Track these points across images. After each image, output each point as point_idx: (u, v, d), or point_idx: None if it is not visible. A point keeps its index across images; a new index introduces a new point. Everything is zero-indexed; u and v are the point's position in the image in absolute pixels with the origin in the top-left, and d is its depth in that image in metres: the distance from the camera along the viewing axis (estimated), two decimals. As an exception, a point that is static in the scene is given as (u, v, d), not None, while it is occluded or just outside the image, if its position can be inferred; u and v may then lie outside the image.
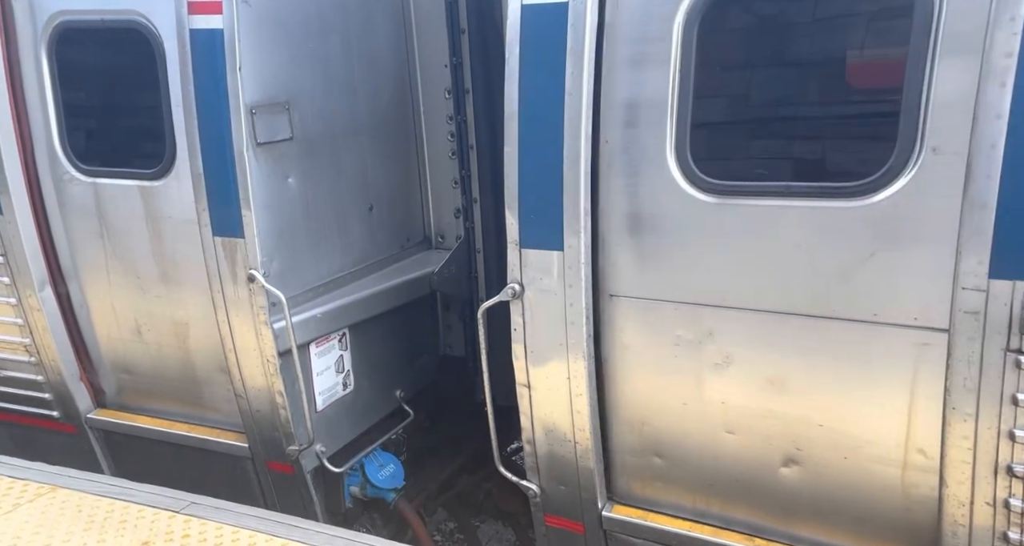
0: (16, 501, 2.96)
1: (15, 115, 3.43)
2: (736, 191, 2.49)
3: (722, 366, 2.61)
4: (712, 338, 2.61)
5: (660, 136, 2.53)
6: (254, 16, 3.06)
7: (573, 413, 2.77)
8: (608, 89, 2.57)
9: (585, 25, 2.49)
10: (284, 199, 3.39)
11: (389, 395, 3.98)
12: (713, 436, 2.71)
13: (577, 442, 2.81)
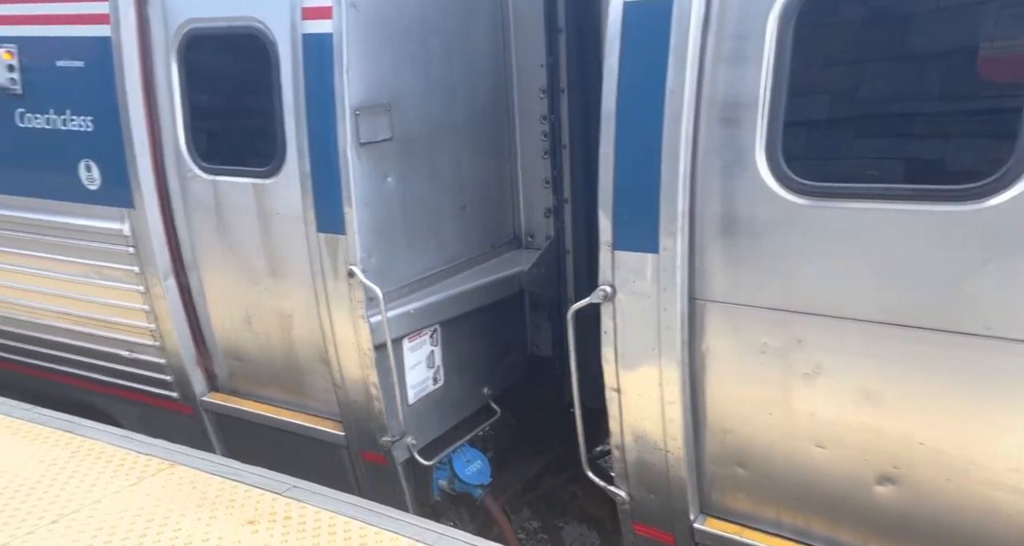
0: (140, 474, 3.18)
1: (148, 118, 3.68)
2: (831, 193, 2.39)
3: (812, 376, 2.52)
4: (801, 346, 2.52)
5: (751, 135, 2.47)
6: (361, 20, 3.13)
7: (665, 420, 2.66)
8: (703, 87, 2.47)
9: (690, 21, 2.39)
10: (383, 197, 3.46)
11: (477, 392, 4.00)
12: (801, 449, 2.62)
13: (669, 450, 2.69)
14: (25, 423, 3.65)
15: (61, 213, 4.05)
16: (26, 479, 3.15)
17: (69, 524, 2.84)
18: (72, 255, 4.08)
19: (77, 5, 3.67)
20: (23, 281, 4.24)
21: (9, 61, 3.83)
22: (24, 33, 3.83)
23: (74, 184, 3.94)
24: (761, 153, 2.44)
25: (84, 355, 4.26)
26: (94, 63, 3.72)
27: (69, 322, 4.22)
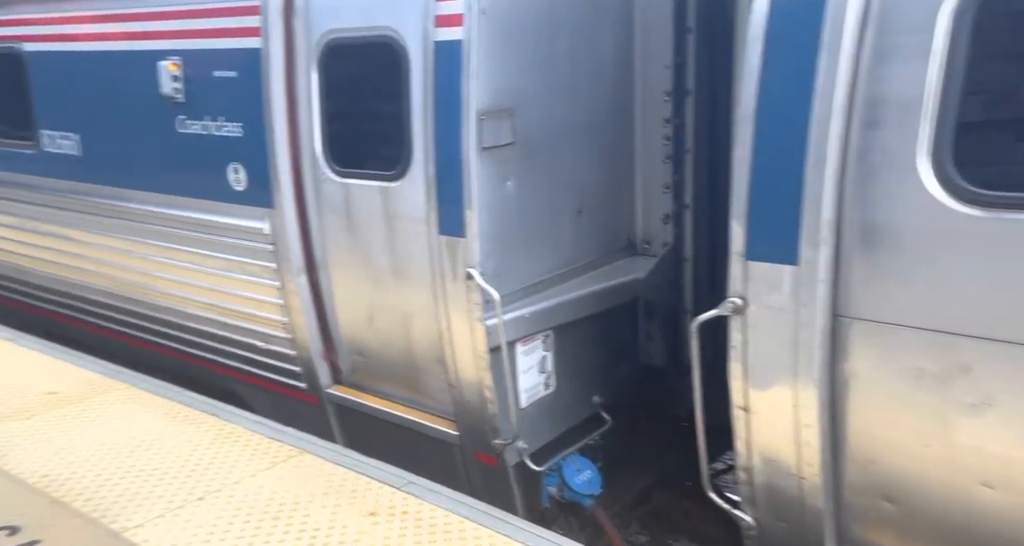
0: (273, 460, 3.30)
1: (290, 123, 3.81)
2: (1010, 203, 2.08)
3: (979, 407, 2.22)
4: (968, 374, 2.21)
5: (910, 139, 2.19)
6: (491, 26, 3.10)
7: (800, 445, 2.39)
8: (857, 87, 2.22)
9: (846, 17, 2.12)
10: (503, 201, 3.41)
11: (587, 400, 3.86)
12: (963, 487, 2.31)
13: (803, 477, 2.42)
14: (176, 405, 3.91)
15: (211, 212, 4.31)
16: (177, 457, 3.36)
17: (213, 502, 3.01)
18: (219, 251, 4.34)
19: (233, 19, 3.89)
20: (176, 273, 4.56)
21: (174, 72, 4.13)
22: (187, 46, 4.12)
23: (223, 185, 4.18)
24: (925, 159, 2.17)
25: (226, 344, 4.51)
26: (245, 73, 3.93)
27: (214, 312, 4.48)
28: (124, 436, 3.53)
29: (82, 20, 4.53)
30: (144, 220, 4.57)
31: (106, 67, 4.48)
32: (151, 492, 3.06)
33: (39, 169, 5.00)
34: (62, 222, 5.00)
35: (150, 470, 3.23)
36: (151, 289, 4.69)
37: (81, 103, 4.69)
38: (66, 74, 4.71)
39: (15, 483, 3.09)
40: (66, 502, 2.97)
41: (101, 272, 4.91)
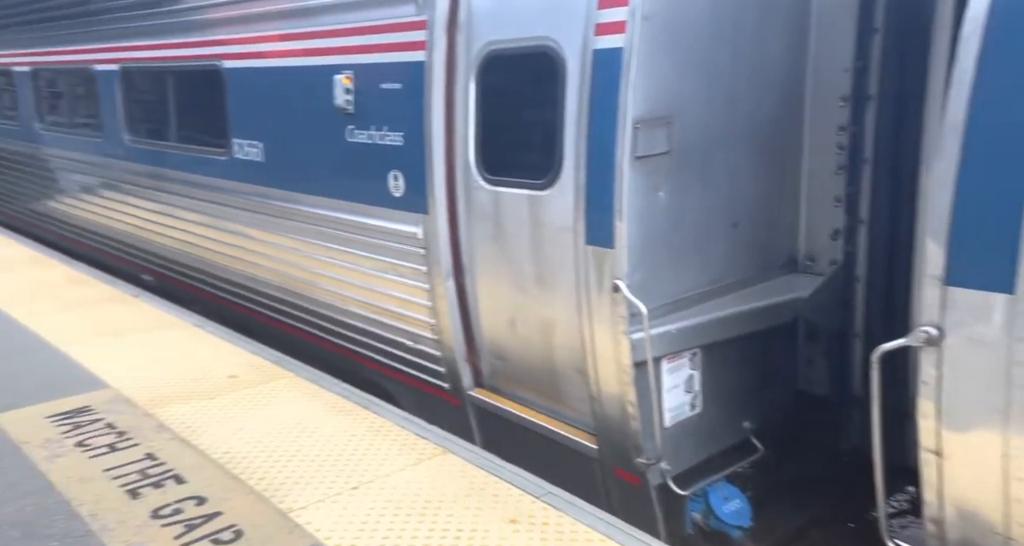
0: (419, 457, 3.36)
1: (447, 133, 3.85)
2: None
3: None
4: None
5: None
6: (652, 32, 2.93)
7: (1009, 501, 2.01)
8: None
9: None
10: (653, 212, 3.23)
11: (736, 425, 3.56)
12: None
13: (1012, 538, 2.04)
14: (334, 396, 4.11)
15: (371, 216, 4.49)
16: (335, 446, 3.51)
17: (366, 492, 3.11)
18: (375, 252, 4.51)
19: (401, 34, 4.04)
20: (336, 272, 4.81)
21: (347, 85, 4.36)
22: (359, 61, 4.33)
23: (383, 191, 4.34)
24: None
25: (377, 341, 4.68)
26: (408, 85, 4.06)
27: (368, 310, 4.67)
28: (290, 421, 3.75)
29: (270, 39, 4.93)
30: (312, 222, 4.87)
31: (289, 81, 4.84)
32: (313, 477, 3.21)
33: (229, 174, 5.51)
34: (244, 222, 5.47)
35: (312, 456, 3.40)
36: (315, 286, 4.98)
37: (266, 114, 5.10)
38: (256, 88, 5.15)
39: (203, 457, 3.36)
40: (243, 479, 3.18)
41: (274, 268, 5.30)
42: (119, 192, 6.94)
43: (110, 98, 6.74)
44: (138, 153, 6.57)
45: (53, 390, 4.08)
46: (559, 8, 3.34)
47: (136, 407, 3.89)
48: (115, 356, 4.58)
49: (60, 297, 5.84)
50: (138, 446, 3.47)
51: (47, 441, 3.50)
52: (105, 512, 2.91)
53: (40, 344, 4.77)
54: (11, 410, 3.83)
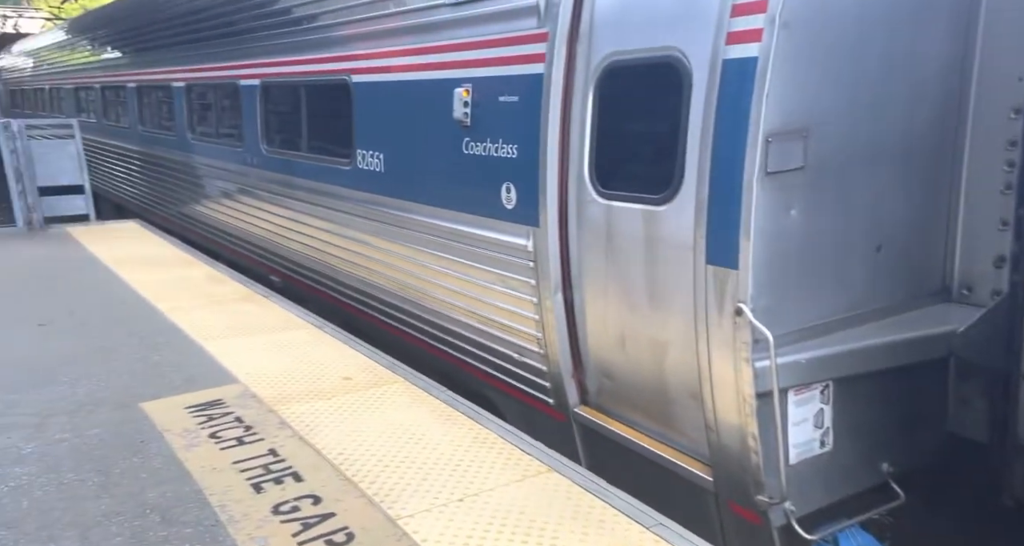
0: (524, 473, 3.29)
1: (561, 145, 3.76)
2: None
3: None
4: None
5: None
6: (791, 41, 2.69)
7: None
8: None
9: None
10: (783, 232, 2.98)
11: (873, 466, 3.22)
12: None
13: None
14: (441, 404, 4.13)
15: (482, 227, 4.50)
16: (441, 455, 3.52)
17: (471, 505, 3.07)
18: (485, 263, 4.51)
19: (521, 47, 4.01)
20: (446, 280, 4.86)
21: (466, 98, 4.40)
22: (477, 74, 4.36)
23: (496, 203, 4.33)
24: None
25: (484, 351, 4.67)
26: (525, 98, 4.02)
27: (475, 320, 4.68)
28: (400, 427, 3.80)
29: (395, 54, 5.08)
30: (427, 231, 4.96)
31: (411, 94, 4.96)
32: (420, 485, 3.22)
33: (352, 183, 5.74)
34: (364, 229, 5.67)
35: (420, 463, 3.42)
36: (426, 294, 5.06)
37: (388, 126, 5.26)
38: (380, 101, 5.33)
39: (320, 457, 3.47)
40: (355, 481, 3.25)
41: (389, 275, 5.45)
42: (255, 198, 7.45)
43: (251, 110, 7.26)
44: (273, 162, 7.02)
45: (192, 382, 4.39)
46: (687, 17, 3.16)
47: (262, 403, 4.10)
48: (245, 352, 4.88)
49: (201, 294, 6.32)
50: (262, 441, 3.64)
51: (185, 431, 3.75)
52: (232, 504, 3.06)
53: (182, 338, 5.17)
54: (157, 399, 4.15)
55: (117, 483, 3.22)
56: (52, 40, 16.88)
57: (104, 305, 5.98)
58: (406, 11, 4.93)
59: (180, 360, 4.75)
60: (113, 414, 3.94)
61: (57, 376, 4.46)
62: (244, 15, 7.28)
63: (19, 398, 4.15)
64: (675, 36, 3.23)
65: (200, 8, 8.33)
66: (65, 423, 3.83)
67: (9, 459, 3.44)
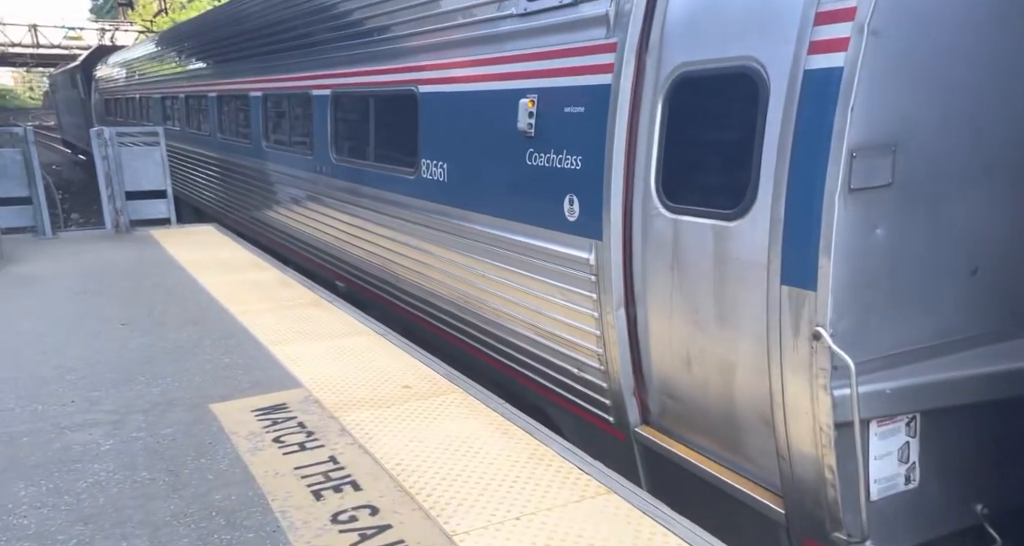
0: (582, 493, 3.19)
1: (627, 157, 3.65)
2: None
3: None
4: None
5: None
6: (880, 50, 2.50)
7: None
8: None
9: None
10: (867, 252, 2.78)
11: (965, 507, 2.96)
12: None
13: None
14: (498, 416, 4.06)
15: (543, 239, 4.43)
16: (498, 470, 3.45)
17: (528, 524, 2.99)
18: (544, 276, 4.43)
19: (589, 58, 3.93)
20: (505, 291, 4.80)
21: (530, 109, 4.35)
22: (543, 85, 4.30)
23: (558, 215, 4.25)
24: None
25: (541, 364, 4.59)
26: (591, 109, 3.93)
27: (534, 333, 4.60)
28: (457, 439, 3.76)
29: (462, 65, 5.08)
30: (486, 241, 4.92)
31: (477, 105, 4.95)
32: (476, 501, 3.16)
33: (415, 192, 5.78)
34: (426, 238, 5.69)
35: (476, 477, 3.36)
36: (485, 304, 5.03)
37: (453, 136, 5.27)
38: (445, 111, 5.35)
39: (378, 466, 3.47)
40: (412, 493, 3.22)
41: (449, 284, 5.45)
42: (323, 205, 7.63)
43: (322, 120, 7.44)
44: (340, 170, 7.16)
45: (258, 385, 4.49)
46: (765, 26, 3.00)
47: (323, 409, 4.14)
48: (309, 357, 4.96)
49: (270, 298, 6.50)
50: (323, 448, 3.67)
51: (251, 434, 3.83)
52: (293, 510, 3.09)
53: (251, 340, 5.31)
54: (226, 401, 4.26)
55: (186, 484, 3.31)
56: (141, 52, 17.92)
57: (180, 306, 6.22)
58: (473, 22, 4.92)
59: (248, 363, 4.87)
60: (185, 414, 4.07)
61: (135, 375, 4.65)
62: (317, 27, 7.49)
63: (101, 395, 4.34)
64: (752, 46, 3.07)
65: (276, 21, 8.63)
66: (141, 421, 3.98)
67: (90, 455, 3.59)
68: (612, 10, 3.76)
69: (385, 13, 6.10)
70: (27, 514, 3.08)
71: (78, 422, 3.97)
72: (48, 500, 3.18)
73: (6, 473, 3.41)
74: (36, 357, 4.96)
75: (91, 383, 4.53)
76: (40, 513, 3.08)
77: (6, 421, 3.98)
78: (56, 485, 3.30)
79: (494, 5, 4.72)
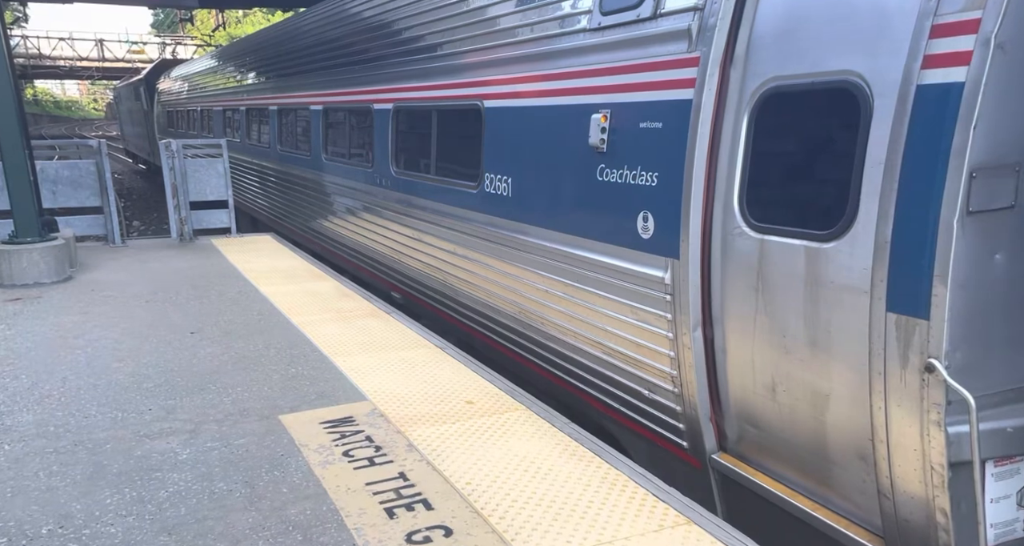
0: (660, 523, 3.00)
1: (707, 174, 3.48)
2: None
3: None
4: None
5: None
6: (1008, 64, 2.28)
7: None
8: None
9: None
10: (986, 279, 2.56)
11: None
12: None
13: None
14: (565, 436, 3.91)
15: (614, 256, 4.28)
16: (570, 494, 3.30)
17: (604, 556, 2.82)
18: (614, 293, 4.28)
19: (667, 72, 3.79)
20: (571, 308, 4.66)
21: (603, 124, 4.21)
22: (617, 100, 4.16)
23: (630, 232, 4.10)
24: None
25: (609, 384, 4.42)
26: (670, 124, 3.78)
27: (601, 351, 4.44)
28: (525, 459, 3.63)
29: (531, 79, 4.99)
30: (552, 257, 4.80)
31: (545, 120, 4.85)
32: (551, 526, 3.02)
33: (477, 206, 5.70)
34: (487, 252, 5.59)
35: (548, 501, 3.22)
36: (549, 321, 4.89)
37: (518, 151, 5.17)
38: (512, 126, 5.26)
39: (448, 485, 3.36)
40: (484, 515, 3.09)
41: (511, 299, 5.33)
42: (382, 217, 7.63)
43: (383, 133, 7.46)
44: (401, 183, 7.15)
45: (324, 397, 4.44)
46: (870, 40, 2.82)
47: (390, 423, 4.06)
48: (371, 369, 4.90)
49: (330, 308, 6.49)
50: (392, 463, 3.57)
51: (321, 447, 3.76)
52: (367, 528, 2.99)
53: (313, 351, 5.28)
54: (295, 412, 4.22)
55: (262, 496, 3.25)
56: (203, 66, 18.45)
57: (244, 315, 6.26)
58: (542, 37, 4.83)
59: (313, 374, 4.83)
60: (257, 425, 4.03)
61: (207, 384, 4.65)
62: (379, 42, 7.52)
63: (176, 404, 4.35)
64: (853, 59, 2.89)
65: (337, 37, 8.72)
66: (215, 431, 3.96)
67: (169, 464, 3.57)
68: (695, 24, 3.61)
69: (450, 29, 6.06)
70: (113, 522, 3.06)
71: (156, 431, 3.97)
72: (133, 508, 3.16)
73: (93, 480, 3.42)
74: (113, 364, 5.02)
75: (166, 391, 4.55)
76: (126, 522, 3.06)
77: (89, 428, 4.01)
78: (139, 493, 3.29)
79: (565, 20, 4.62)
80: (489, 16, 5.48)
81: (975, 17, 2.45)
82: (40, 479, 3.43)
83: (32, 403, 4.36)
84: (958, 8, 2.52)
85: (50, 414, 4.20)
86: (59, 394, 4.50)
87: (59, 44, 47.65)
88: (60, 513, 3.13)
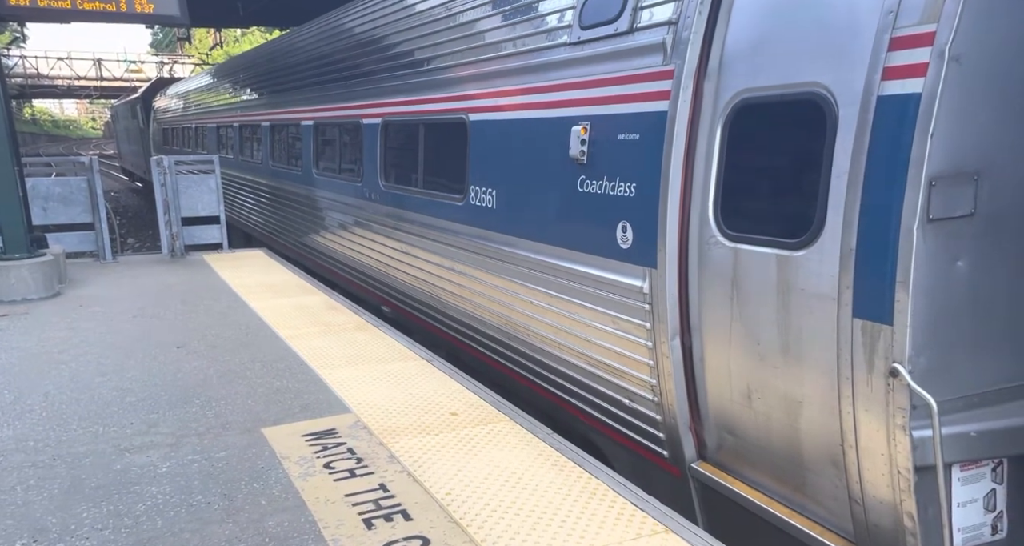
0: (638, 531, 3.04)
1: (683, 184, 3.56)
2: None
3: None
4: None
5: None
6: (963, 76, 2.37)
7: None
8: None
9: None
10: (948, 285, 2.62)
11: (1061, 562, 2.67)
12: None
13: None
14: (547, 447, 3.94)
15: (594, 266, 4.34)
16: (550, 503, 3.33)
17: (583, 567, 2.84)
18: (595, 303, 4.34)
19: (644, 85, 3.87)
20: (553, 318, 4.72)
21: (583, 136, 4.30)
22: (595, 112, 4.25)
23: (610, 242, 4.17)
24: None
25: (591, 394, 4.46)
26: (646, 136, 3.86)
27: (583, 362, 4.49)
28: (507, 469, 3.66)
29: (513, 93, 5.09)
30: (535, 268, 4.86)
31: (527, 132, 4.94)
32: (528, 535, 3.05)
33: (463, 218, 5.77)
34: (472, 264, 5.66)
35: (527, 510, 3.25)
36: (532, 331, 4.94)
37: (502, 163, 5.26)
38: (495, 139, 5.35)
39: (428, 496, 3.38)
40: (463, 525, 3.12)
41: (495, 310, 5.38)
42: (372, 231, 7.70)
43: (372, 147, 7.56)
44: (390, 196, 7.24)
45: (308, 410, 4.47)
46: (835, 51, 2.91)
47: (372, 435, 4.09)
48: (357, 382, 4.93)
49: (318, 322, 6.54)
50: (372, 474, 3.60)
51: (302, 459, 3.79)
52: (345, 539, 3.02)
53: (300, 365, 5.32)
54: (277, 425, 4.25)
55: (240, 509, 3.27)
56: (197, 84, 18.65)
57: (231, 329, 6.30)
58: (524, 52, 4.94)
59: (298, 387, 4.87)
60: (239, 438, 4.06)
61: (191, 398, 4.68)
62: (368, 58, 7.65)
63: (158, 418, 4.38)
64: (819, 71, 2.98)
65: (326, 54, 8.86)
66: (196, 444, 3.98)
67: (148, 477, 3.60)
68: (669, 37, 3.71)
69: (436, 44, 6.19)
70: (89, 535, 3.08)
71: (137, 444, 3.99)
72: (109, 522, 3.18)
73: (71, 494, 3.44)
74: (96, 379, 5.06)
75: (149, 405, 4.58)
76: (101, 535, 3.08)
77: (69, 442, 4.04)
78: (116, 507, 3.31)
79: (546, 34, 4.73)
80: (473, 32, 5.60)
81: (930, 30, 2.54)
82: (16, 493, 3.45)
83: (12, 418, 4.40)
84: (914, 21, 2.61)
85: (30, 429, 4.22)
86: (40, 409, 4.53)
87: (57, 64, 48.15)
88: (35, 527, 3.15)
